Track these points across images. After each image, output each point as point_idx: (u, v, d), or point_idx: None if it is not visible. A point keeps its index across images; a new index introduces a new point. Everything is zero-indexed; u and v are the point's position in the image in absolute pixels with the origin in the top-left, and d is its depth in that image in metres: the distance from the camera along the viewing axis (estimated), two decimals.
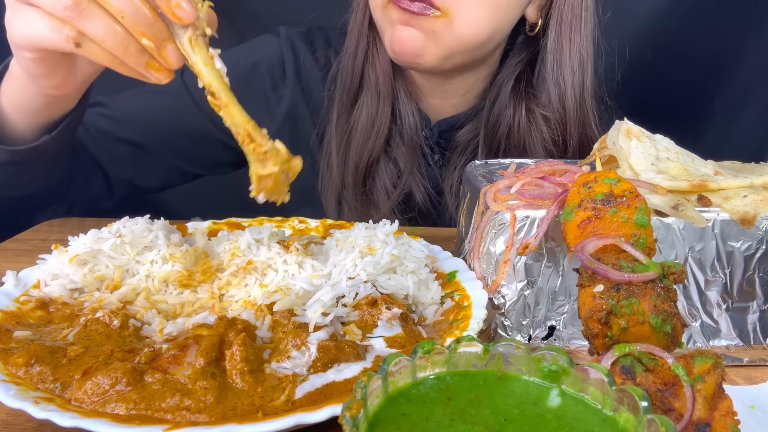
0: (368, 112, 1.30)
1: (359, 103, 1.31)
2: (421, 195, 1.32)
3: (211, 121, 1.38)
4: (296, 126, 1.42)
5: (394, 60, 1.23)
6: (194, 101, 1.37)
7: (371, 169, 1.32)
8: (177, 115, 1.37)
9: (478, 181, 0.87)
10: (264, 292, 0.76)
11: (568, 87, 1.23)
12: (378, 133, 1.29)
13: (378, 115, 1.29)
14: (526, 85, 1.27)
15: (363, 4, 1.28)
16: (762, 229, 0.74)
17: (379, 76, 1.29)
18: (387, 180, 1.32)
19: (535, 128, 1.26)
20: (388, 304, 0.74)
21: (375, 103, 1.29)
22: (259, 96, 1.41)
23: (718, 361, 0.54)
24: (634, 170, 0.80)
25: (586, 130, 1.26)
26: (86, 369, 0.62)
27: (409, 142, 1.31)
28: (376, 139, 1.30)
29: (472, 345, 0.53)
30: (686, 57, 1.81)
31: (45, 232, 1.17)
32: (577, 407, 0.49)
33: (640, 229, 0.65)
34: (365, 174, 1.32)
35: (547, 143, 1.26)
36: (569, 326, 0.77)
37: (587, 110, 1.26)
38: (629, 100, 1.34)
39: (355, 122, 1.31)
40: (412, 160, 1.31)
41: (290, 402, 0.60)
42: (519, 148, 1.28)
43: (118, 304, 0.75)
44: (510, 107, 1.27)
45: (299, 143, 1.42)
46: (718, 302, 0.77)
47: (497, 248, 0.77)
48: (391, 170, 1.32)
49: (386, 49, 1.20)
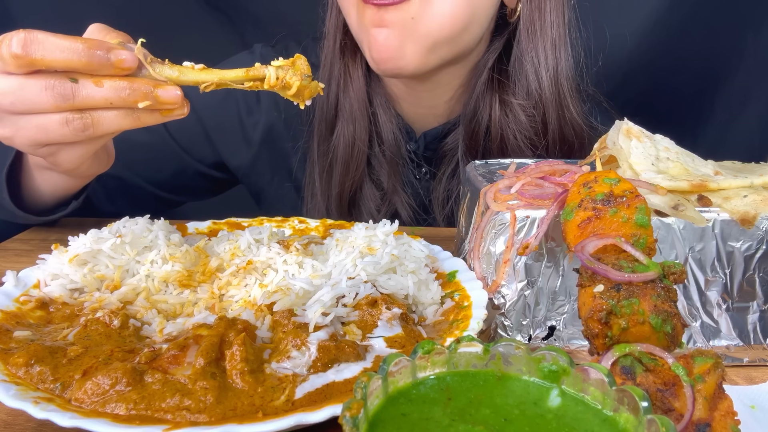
0: (345, 142, 1.28)
1: (336, 131, 1.30)
2: (407, 213, 1.32)
3: (186, 152, 1.41)
4: (274, 147, 1.42)
5: (377, 72, 1.20)
6: (169, 134, 1.38)
7: (355, 197, 1.32)
8: (153, 149, 1.38)
9: (478, 181, 0.87)
10: (264, 292, 0.76)
11: (542, 69, 1.20)
12: (357, 161, 1.28)
13: (355, 143, 1.28)
14: (500, 75, 1.24)
15: (333, 31, 1.27)
16: (762, 229, 0.74)
17: (353, 104, 1.27)
18: (371, 204, 1.31)
19: (512, 120, 1.23)
20: (388, 304, 0.74)
21: (351, 130, 1.28)
22: (234, 123, 1.41)
23: (718, 361, 0.54)
24: (634, 170, 0.80)
25: (564, 113, 1.23)
26: (86, 369, 0.62)
27: (391, 160, 1.30)
28: (356, 168, 1.29)
29: (472, 345, 0.53)
30: (686, 57, 1.82)
31: (45, 232, 1.17)
32: (577, 407, 0.49)
33: (640, 229, 0.65)
34: (350, 203, 1.32)
35: (526, 132, 1.23)
36: (569, 326, 0.77)
37: (564, 91, 1.22)
38: (629, 100, 1.34)
39: (335, 150, 1.30)
40: (395, 177, 1.30)
41: (290, 402, 0.60)
42: (497, 142, 1.25)
43: (118, 304, 0.75)
44: (485, 100, 1.25)
45: (279, 164, 1.43)
46: (718, 302, 0.77)
47: (497, 248, 0.77)
48: (374, 193, 1.31)
49: (368, 61, 1.17)
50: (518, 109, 1.22)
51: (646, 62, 1.81)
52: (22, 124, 0.80)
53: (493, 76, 1.24)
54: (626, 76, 1.69)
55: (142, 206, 1.43)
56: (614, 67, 1.34)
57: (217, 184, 1.54)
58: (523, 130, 1.23)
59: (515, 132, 1.23)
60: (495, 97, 1.23)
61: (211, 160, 1.45)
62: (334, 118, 1.30)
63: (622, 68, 1.70)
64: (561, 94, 1.22)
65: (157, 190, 1.43)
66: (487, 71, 1.24)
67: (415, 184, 1.35)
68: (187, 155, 1.41)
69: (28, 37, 0.73)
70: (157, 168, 1.33)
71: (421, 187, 1.35)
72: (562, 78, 1.22)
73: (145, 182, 1.39)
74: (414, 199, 1.33)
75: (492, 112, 1.23)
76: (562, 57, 1.21)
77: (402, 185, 1.32)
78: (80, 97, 0.76)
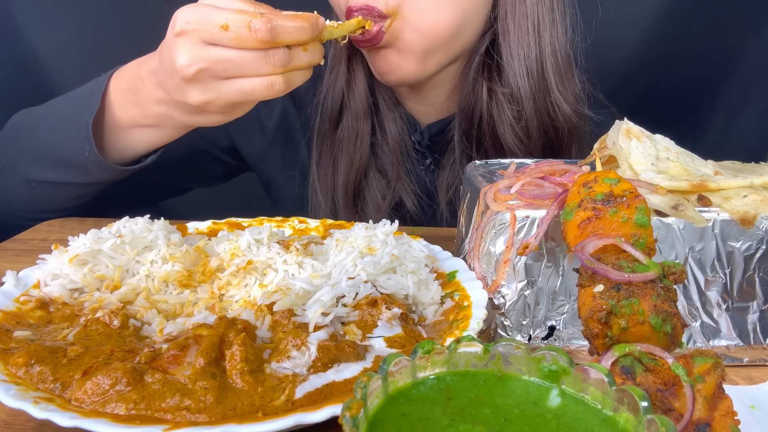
0: (350, 134, 1.31)
1: (341, 125, 1.32)
2: (411, 201, 1.32)
3: (200, 135, 1.40)
4: (288, 136, 1.43)
5: (382, 82, 1.24)
6: None
7: (360, 186, 1.33)
8: None
9: (478, 181, 0.87)
10: (264, 292, 0.76)
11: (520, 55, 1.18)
12: (361, 152, 1.31)
13: (359, 135, 1.30)
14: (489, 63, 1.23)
15: None
16: (762, 229, 0.74)
17: (357, 99, 1.30)
18: (377, 192, 1.33)
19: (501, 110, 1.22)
20: (388, 304, 0.74)
21: (355, 123, 1.31)
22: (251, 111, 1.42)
23: (718, 361, 0.54)
24: (634, 170, 0.80)
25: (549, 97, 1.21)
26: (86, 369, 0.62)
27: (394, 148, 1.31)
28: (360, 158, 1.31)
29: (472, 345, 0.53)
30: (686, 57, 1.82)
31: (45, 232, 1.17)
32: (577, 407, 0.49)
33: (640, 229, 0.65)
34: (355, 194, 1.33)
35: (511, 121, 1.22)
36: (569, 326, 0.77)
37: (549, 76, 1.20)
38: (629, 100, 1.34)
39: (340, 144, 1.32)
40: (398, 165, 1.32)
41: (290, 402, 0.60)
42: (489, 133, 1.25)
43: (118, 304, 0.75)
44: (476, 87, 1.25)
45: (291, 153, 1.44)
46: (718, 302, 0.77)
47: (497, 248, 0.77)
48: (379, 181, 1.33)
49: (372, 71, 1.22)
50: (502, 98, 1.22)
51: (646, 62, 1.81)
52: (225, 89, 0.90)
53: (484, 61, 1.24)
54: (626, 76, 1.69)
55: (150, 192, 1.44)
56: (614, 67, 1.34)
57: (229, 169, 1.54)
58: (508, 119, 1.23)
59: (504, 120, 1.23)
60: (483, 85, 1.23)
61: (225, 144, 1.46)
62: (340, 111, 1.32)
63: (622, 68, 1.70)
64: (546, 78, 1.20)
65: (169, 176, 1.43)
66: (479, 56, 1.24)
67: (420, 174, 1.36)
68: (201, 138, 1.41)
69: (274, 23, 0.84)
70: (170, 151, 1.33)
71: (426, 178, 1.36)
72: (546, 61, 1.19)
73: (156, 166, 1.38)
74: (419, 187, 1.34)
75: (481, 99, 1.24)
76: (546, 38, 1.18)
77: (406, 173, 1.33)
78: (293, 63, 0.89)
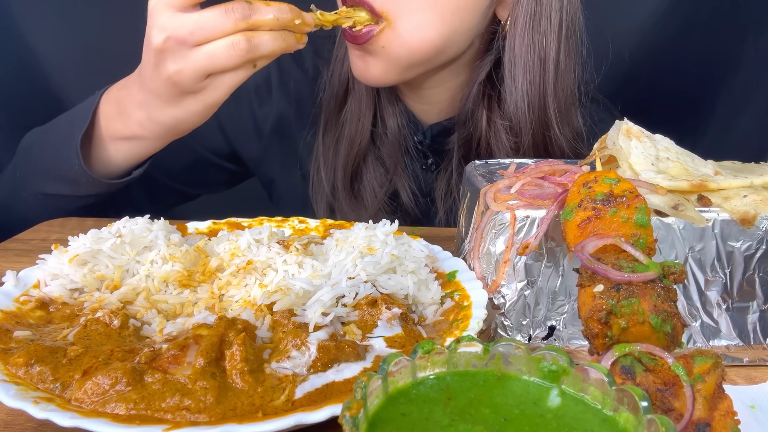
0: (353, 117, 1.31)
1: (346, 107, 1.32)
2: (407, 195, 1.33)
3: (200, 143, 1.42)
4: (285, 137, 1.43)
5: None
6: None
7: (359, 170, 1.33)
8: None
9: (478, 181, 0.87)
10: (264, 292, 0.76)
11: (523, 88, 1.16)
12: (361, 136, 1.31)
13: (360, 119, 1.31)
14: (491, 89, 1.22)
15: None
16: (762, 229, 0.74)
17: (361, 98, 1.30)
18: (374, 180, 1.33)
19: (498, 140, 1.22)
20: (388, 304, 0.74)
21: (358, 107, 1.31)
22: (246, 114, 1.43)
23: (718, 361, 0.54)
24: (634, 170, 0.80)
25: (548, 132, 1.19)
26: (86, 369, 0.62)
27: (393, 141, 1.32)
28: (360, 142, 1.31)
29: (472, 345, 0.53)
30: (686, 57, 1.81)
31: (45, 232, 1.17)
32: (577, 407, 0.49)
33: (640, 229, 0.65)
34: (353, 177, 1.33)
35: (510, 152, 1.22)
36: (569, 326, 0.77)
37: (550, 113, 1.17)
38: (629, 100, 1.34)
39: (343, 126, 1.32)
40: (396, 159, 1.32)
41: (290, 402, 0.60)
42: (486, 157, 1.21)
43: (118, 304, 0.75)
44: (476, 113, 1.24)
45: (289, 154, 1.44)
46: (718, 302, 0.77)
47: (497, 248, 0.77)
48: (378, 169, 1.33)
49: None
50: (500, 128, 1.21)
51: (646, 62, 1.80)
52: (192, 56, 0.90)
53: (484, 91, 1.23)
54: (626, 76, 1.69)
55: (159, 199, 1.45)
56: (614, 67, 1.34)
57: (232, 176, 1.55)
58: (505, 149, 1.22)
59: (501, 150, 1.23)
60: (483, 112, 1.23)
61: (225, 151, 1.46)
62: (345, 94, 1.33)
63: (622, 68, 1.70)
64: (547, 115, 1.18)
65: (172, 182, 1.44)
66: (477, 85, 1.23)
67: (419, 172, 1.36)
68: (200, 147, 1.42)
69: None
70: (172, 159, 1.34)
71: (425, 177, 1.37)
72: (549, 100, 1.17)
73: (160, 174, 1.39)
74: (417, 185, 1.35)
75: (480, 125, 1.24)
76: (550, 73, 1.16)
77: (404, 169, 1.33)
78: (254, 16, 0.89)
